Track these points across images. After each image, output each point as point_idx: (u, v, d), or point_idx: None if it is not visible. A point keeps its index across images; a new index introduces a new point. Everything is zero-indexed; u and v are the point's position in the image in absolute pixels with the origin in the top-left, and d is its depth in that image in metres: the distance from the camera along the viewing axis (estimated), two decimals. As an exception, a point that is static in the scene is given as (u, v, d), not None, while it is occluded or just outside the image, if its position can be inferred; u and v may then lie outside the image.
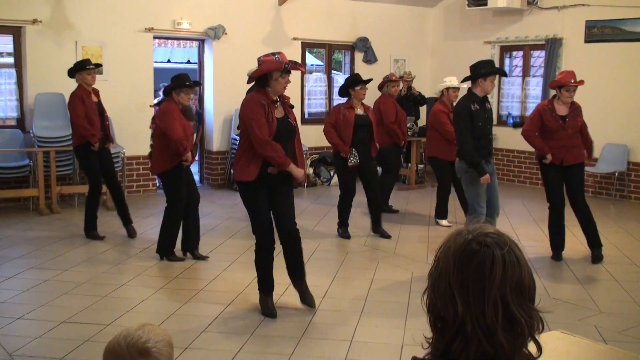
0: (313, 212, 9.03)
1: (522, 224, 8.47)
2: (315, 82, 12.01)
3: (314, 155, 11.26)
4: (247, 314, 5.18)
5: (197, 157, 11.17)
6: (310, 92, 11.86)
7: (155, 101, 8.51)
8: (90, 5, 9.49)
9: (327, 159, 10.97)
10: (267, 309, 5.13)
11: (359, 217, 8.50)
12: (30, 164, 8.88)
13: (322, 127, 8.11)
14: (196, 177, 11.14)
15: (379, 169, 8.57)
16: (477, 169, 6.13)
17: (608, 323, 5.05)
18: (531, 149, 10.96)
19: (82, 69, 7.14)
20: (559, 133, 6.53)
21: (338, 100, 11.00)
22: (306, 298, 5.25)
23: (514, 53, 12.07)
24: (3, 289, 5.66)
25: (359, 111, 7.55)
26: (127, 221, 7.52)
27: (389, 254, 7.00)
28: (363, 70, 11.83)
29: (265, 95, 4.95)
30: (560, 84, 6.49)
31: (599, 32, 10.47)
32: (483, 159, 6.19)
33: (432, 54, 13.09)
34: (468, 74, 6.38)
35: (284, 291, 5.63)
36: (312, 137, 11.09)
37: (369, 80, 7.71)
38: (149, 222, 8.05)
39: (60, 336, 4.65)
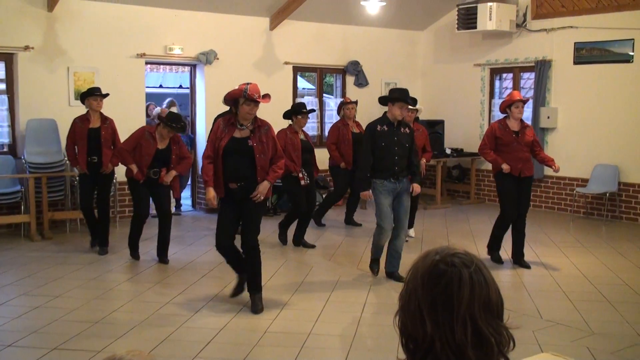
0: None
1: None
2: (307, 106, 12.00)
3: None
4: (239, 339, 5.16)
5: (189, 182, 11.20)
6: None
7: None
8: (82, 32, 9.54)
9: (319, 182, 10.83)
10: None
11: (348, 245, 8.52)
12: (21, 190, 8.87)
13: (317, 150, 8.89)
14: (188, 202, 11.19)
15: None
16: (361, 182, 6.73)
17: (600, 344, 5.05)
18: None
19: (90, 95, 7.85)
20: (513, 146, 7.29)
21: (329, 124, 11.07)
22: (255, 307, 5.74)
23: (504, 75, 12.17)
24: (-6, 316, 5.63)
25: (301, 136, 8.36)
26: (102, 242, 7.94)
27: (382, 277, 6.98)
28: (354, 93, 11.90)
29: (229, 117, 5.72)
30: (509, 103, 7.32)
31: (588, 53, 10.58)
32: (388, 177, 6.55)
33: (423, 77, 13.17)
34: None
35: (277, 315, 5.62)
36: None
37: (311, 111, 8.83)
38: (145, 245, 7.90)
39: (51, 364, 4.61)
